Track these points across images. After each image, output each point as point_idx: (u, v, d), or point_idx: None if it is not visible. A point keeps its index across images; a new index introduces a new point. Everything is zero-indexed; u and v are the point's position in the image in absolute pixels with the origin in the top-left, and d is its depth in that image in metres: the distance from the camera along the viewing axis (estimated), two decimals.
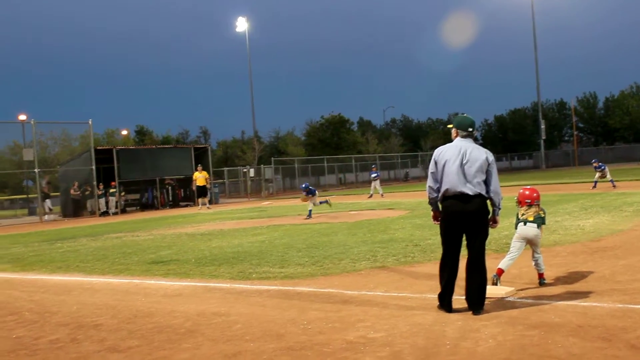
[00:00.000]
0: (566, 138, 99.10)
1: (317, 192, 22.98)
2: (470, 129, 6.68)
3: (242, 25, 73.19)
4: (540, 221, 7.66)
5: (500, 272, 7.42)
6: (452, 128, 6.78)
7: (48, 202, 36.56)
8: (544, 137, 79.29)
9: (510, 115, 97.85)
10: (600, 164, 27.29)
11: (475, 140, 6.81)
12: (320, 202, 22.29)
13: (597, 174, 26.99)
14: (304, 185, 22.45)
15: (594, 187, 26.29)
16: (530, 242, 7.65)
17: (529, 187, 7.97)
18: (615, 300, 6.50)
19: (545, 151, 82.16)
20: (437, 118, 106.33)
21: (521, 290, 7.32)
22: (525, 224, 7.68)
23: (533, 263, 7.67)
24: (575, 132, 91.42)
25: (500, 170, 77.03)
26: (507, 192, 7.67)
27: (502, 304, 6.68)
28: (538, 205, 7.77)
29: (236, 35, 76.44)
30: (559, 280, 7.74)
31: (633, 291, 6.89)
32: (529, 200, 7.73)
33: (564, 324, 5.71)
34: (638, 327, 5.47)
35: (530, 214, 7.71)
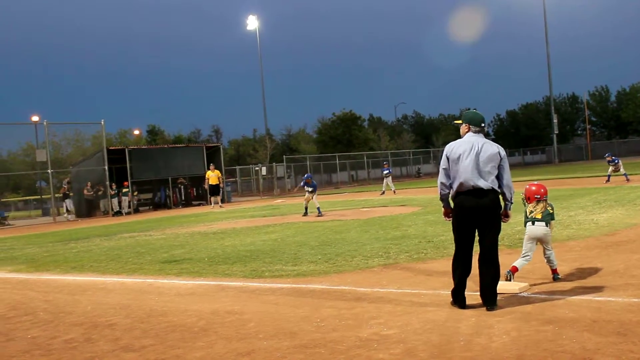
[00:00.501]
0: (579, 132, 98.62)
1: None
2: (482, 125, 6.69)
3: (252, 23, 73.24)
4: (549, 218, 7.62)
5: (515, 269, 7.41)
6: (461, 124, 6.77)
7: (68, 202, 36.71)
8: (556, 132, 78.92)
9: (522, 109, 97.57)
10: (613, 157, 27.13)
11: (487, 135, 6.79)
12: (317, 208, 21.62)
13: (611, 168, 26.84)
14: (306, 175, 22.19)
15: (608, 181, 26.13)
16: (541, 241, 7.62)
17: (535, 182, 7.93)
18: (630, 295, 6.46)
19: (558, 145, 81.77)
20: (449, 114, 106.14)
21: (535, 285, 7.30)
22: (533, 223, 7.67)
23: (545, 260, 7.65)
24: (588, 126, 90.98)
25: (513, 165, 76.76)
26: (520, 187, 7.65)
27: (516, 299, 6.65)
28: (546, 200, 7.74)
29: (247, 33, 76.60)
30: (572, 275, 7.70)
31: None
32: (538, 196, 7.69)
33: (578, 319, 5.67)
34: None
35: (538, 211, 7.68)
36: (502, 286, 6.80)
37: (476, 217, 6.39)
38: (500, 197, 6.54)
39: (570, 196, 19.74)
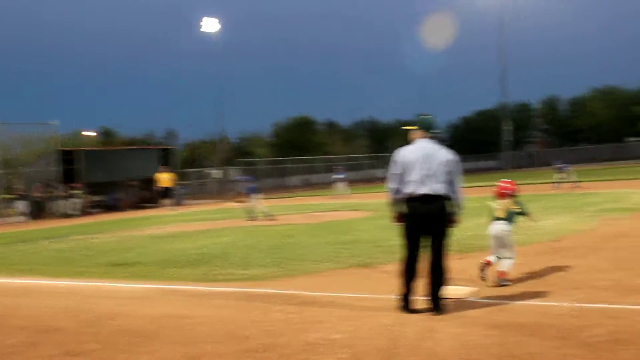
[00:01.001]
0: (530, 139, 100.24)
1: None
2: (434, 130, 6.73)
3: (208, 25, 72.63)
4: (512, 217, 7.82)
5: (502, 274, 7.62)
6: (412, 129, 6.79)
7: (21, 204, 35.78)
8: (509, 139, 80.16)
9: (475, 116, 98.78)
10: (563, 164, 27.72)
11: (442, 141, 6.85)
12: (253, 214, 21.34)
13: (560, 175, 27.40)
14: (245, 178, 21.99)
15: (556, 187, 26.67)
16: (499, 240, 7.80)
17: (507, 180, 8.16)
18: (574, 300, 6.60)
19: (510, 152, 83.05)
20: (404, 119, 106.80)
21: (483, 290, 7.39)
22: (495, 220, 7.91)
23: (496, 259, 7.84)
24: (539, 134, 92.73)
25: (466, 171, 77.34)
26: (472, 193, 7.77)
27: (464, 304, 6.74)
28: (514, 198, 7.95)
29: (205, 35, 75.97)
30: (520, 281, 7.83)
31: (591, 290, 7.01)
32: (505, 192, 7.94)
33: (523, 324, 5.78)
34: (594, 325, 5.57)
35: (501, 209, 7.88)
36: (450, 291, 6.88)
37: (426, 222, 6.44)
38: (451, 203, 6.59)
39: (523, 202, 20.03)
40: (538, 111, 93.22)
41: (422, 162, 6.43)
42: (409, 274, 6.50)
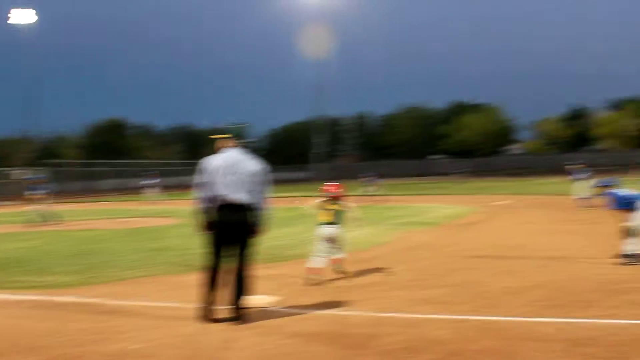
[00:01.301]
0: (341, 153, 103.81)
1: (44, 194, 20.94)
2: (244, 139, 6.70)
3: (19, 16, 68.09)
4: (340, 219, 8.75)
5: (311, 270, 8.37)
6: (222, 137, 6.71)
7: None
8: (319, 151, 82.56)
9: (287, 128, 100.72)
10: (370, 177, 28.99)
11: (254, 150, 6.83)
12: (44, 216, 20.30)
13: (368, 188, 28.60)
14: (35, 177, 20.81)
15: (366, 197, 27.79)
16: (330, 240, 8.55)
17: (333, 183, 8.91)
18: (371, 309, 6.85)
19: (320, 164, 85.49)
20: (219, 126, 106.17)
21: (286, 299, 7.47)
22: (323, 224, 8.66)
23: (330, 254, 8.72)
24: (349, 147, 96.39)
25: (277, 182, 78.76)
26: (282, 203, 7.85)
27: (265, 313, 6.75)
28: (339, 202, 8.85)
29: (16, 27, 70.99)
30: (320, 290, 8.03)
31: (387, 300, 7.31)
32: (331, 194, 8.82)
33: (321, 333, 5.91)
34: (388, 334, 5.80)
35: (330, 212, 8.74)
36: (252, 300, 6.88)
37: (231, 231, 6.39)
38: (257, 212, 6.59)
39: None
40: (350, 125, 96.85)
41: (229, 171, 6.38)
42: (212, 283, 6.42)
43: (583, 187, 20.45)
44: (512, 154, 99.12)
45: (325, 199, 8.89)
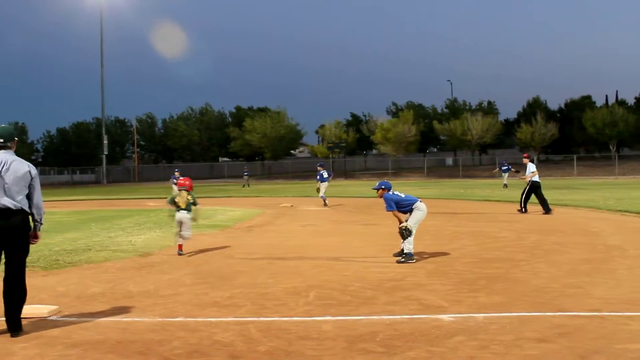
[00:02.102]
0: (128, 154, 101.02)
1: None
2: (9, 140, 6.25)
3: None
4: (190, 206, 11.45)
5: (180, 247, 11.35)
6: None
7: None
8: (106, 153, 79.77)
9: (73, 128, 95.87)
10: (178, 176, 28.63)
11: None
12: None
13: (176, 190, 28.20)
14: None
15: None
16: (182, 224, 11.33)
17: (184, 177, 12.01)
18: (156, 315, 6.78)
19: (107, 166, 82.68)
20: None
21: (65, 308, 7.17)
22: (178, 210, 11.40)
23: (178, 236, 11.36)
24: (137, 149, 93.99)
25: (62, 184, 75.10)
26: (66, 206, 7.49)
27: (44, 323, 6.46)
28: (188, 192, 11.45)
29: None
30: (104, 297, 7.79)
31: (173, 305, 7.27)
32: (184, 188, 11.51)
33: (104, 341, 5.75)
34: (173, 339, 5.78)
35: (182, 201, 11.37)
36: (32, 310, 6.57)
37: (2, 238, 5.99)
38: (30, 217, 6.24)
39: (113, 217, 20.05)
40: (135, 127, 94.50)
41: (0, 173, 5.97)
42: None
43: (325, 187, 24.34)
44: (298, 157, 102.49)
45: (180, 190, 11.63)
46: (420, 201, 10.58)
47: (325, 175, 24.57)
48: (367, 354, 5.24)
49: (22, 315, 6.12)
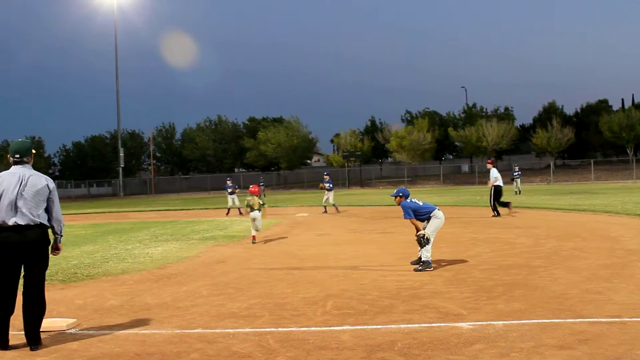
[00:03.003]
0: (144, 166, 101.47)
1: None
2: (26, 155, 6.30)
3: None
4: (260, 207, 15.28)
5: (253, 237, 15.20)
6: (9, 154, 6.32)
7: None
8: (122, 165, 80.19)
9: (89, 142, 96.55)
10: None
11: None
12: None
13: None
14: None
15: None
16: (255, 219, 15.05)
17: (254, 184, 16.46)
18: (174, 326, 6.79)
19: (124, 179, 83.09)
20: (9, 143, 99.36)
21: (84, 321, 7.20)
22: (252, 210, 15.14)
23: (255, 227, 15.18)
24: (153, 161, 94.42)
25: (79, 197, 75.59)
26: (84, 219, 7.52)
27: (63, 337, 6.49)
28: (258, 196, 15.54)
29: None
30: (122, 309, 7.82)
31: (191, 316, 7.28)
32: (254, 193, 15.43)
33: (122, 354, 5.76)
34: (191, 351, 5.79)
35: (255, 204, 15.17)
36: (49, 324, 6.60)
37: (21, 253, 6.02)
38: (49, 231, 6.29)
39: (130, 229, 20.15)
40: (151, 139, 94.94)
41: (19, 189, 6.02)
42: (4, 308, 6.01)
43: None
44: (314, 167, 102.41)
45: (252, 195, 15.31)
46: (438, 209, 10.54)
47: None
48: None
49: (41, 329, 6.16)
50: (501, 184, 20.96)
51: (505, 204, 20.70)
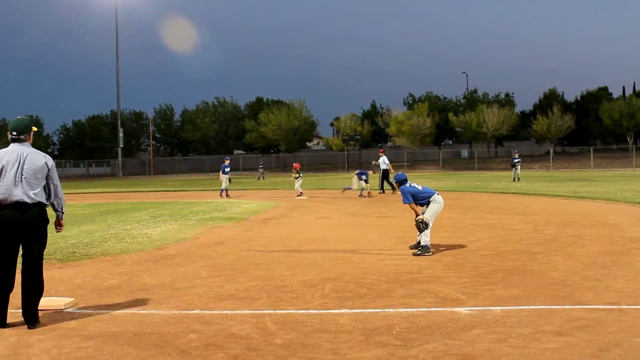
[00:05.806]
0: (143, 147, 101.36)
1: None
2: (24, 133, 6.25)
3: None
4: (300, 179, 25.01)
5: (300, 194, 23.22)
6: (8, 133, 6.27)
7: None
8: (121, 145, 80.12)
9: (88, 121, 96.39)
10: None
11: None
12: None
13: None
14: None
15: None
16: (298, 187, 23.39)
17: (296, 163, 25.48)
18: (172, 307, 6.79)
19: (123, 159, 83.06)
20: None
21: (82, 300, 7.20)
22: (296, 178, 25.11)
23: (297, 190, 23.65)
24: (152, 142, 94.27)
25: (78, 177, 75.60)
26: (82, 199, 7.50)
27: (60, 315, 6.48)
28: (298, 171, 25.26)
29: None
30: (120, 289, 7.81)
31: (189, 297, 7.27)
32: (297, 168, 25.45)
33: (120, 333, 5.75)
34: (189, 331, 5.78)
35: (295, 174, 25.30)
36: (47, 302, 6.59)
37: (20, 231, 6.00)
38: (47, 209, 6.26)
39: (128, 210, 20.13)
40: (151, 120, 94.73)
41: (18, 166, 5.99)
42: (2, 286, 6.00)
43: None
44: (314, 150, 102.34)
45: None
46: (438, 194, 10.52)
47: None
48: (383, 347, 5.22)
49: (39, 308, 6.15)
50: (387, 168, 27.13)
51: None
